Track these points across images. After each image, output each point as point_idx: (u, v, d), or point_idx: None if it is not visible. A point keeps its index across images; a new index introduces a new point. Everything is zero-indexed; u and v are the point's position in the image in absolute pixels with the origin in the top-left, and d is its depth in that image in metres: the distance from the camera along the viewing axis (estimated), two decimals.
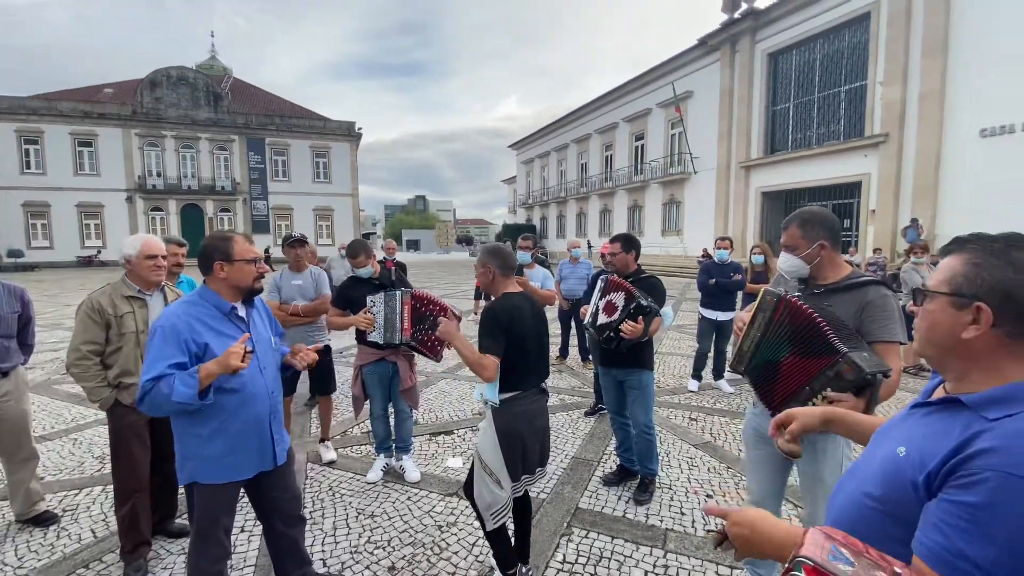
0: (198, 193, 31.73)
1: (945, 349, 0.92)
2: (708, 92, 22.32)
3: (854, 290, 1.91)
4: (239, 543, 2.76)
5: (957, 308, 0.89)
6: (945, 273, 0.94)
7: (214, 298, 1.98)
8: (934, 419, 0.94)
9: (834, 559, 0.59)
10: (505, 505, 2.23)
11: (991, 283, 0.86)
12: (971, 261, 0.90)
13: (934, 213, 14.17)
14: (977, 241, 0.92)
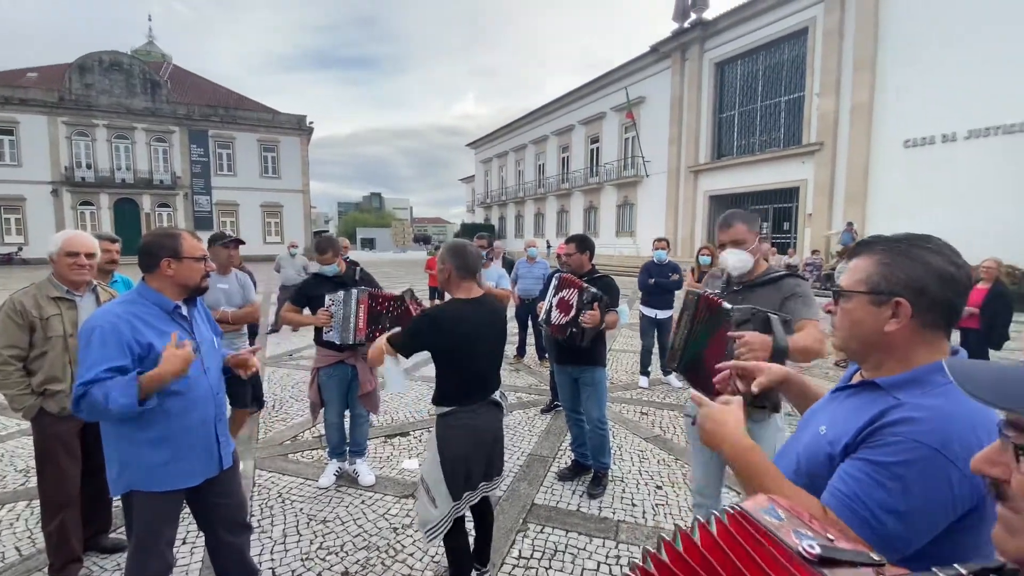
0: (134, 187, 29.70)
1: (868, 343, 1.00)
2: (659, 98, 23.06)
3: (773, 283, 2.12)
4: (180, 555, 2.63)
5: (877, 305, 0.97)
6: (859, 274, 1.01)
7: (155, 296, 1.88)
8: (852, 400, 1.04)
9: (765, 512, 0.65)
10: (439, 525, 2.11)
11: (905, 280, 0.95)
12: (882, 261, 0.98)
13: (864, 217, 15.21)
14: (883, 243, 1.01)
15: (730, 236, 2.14)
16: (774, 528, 0.61)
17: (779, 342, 1.78)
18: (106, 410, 1.66)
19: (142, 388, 1.67)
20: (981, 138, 12.83)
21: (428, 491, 2.13)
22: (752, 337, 1.77)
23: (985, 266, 4.89)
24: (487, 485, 2.26)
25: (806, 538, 0.60)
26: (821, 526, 0.66)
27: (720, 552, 0.61)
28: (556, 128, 30.84)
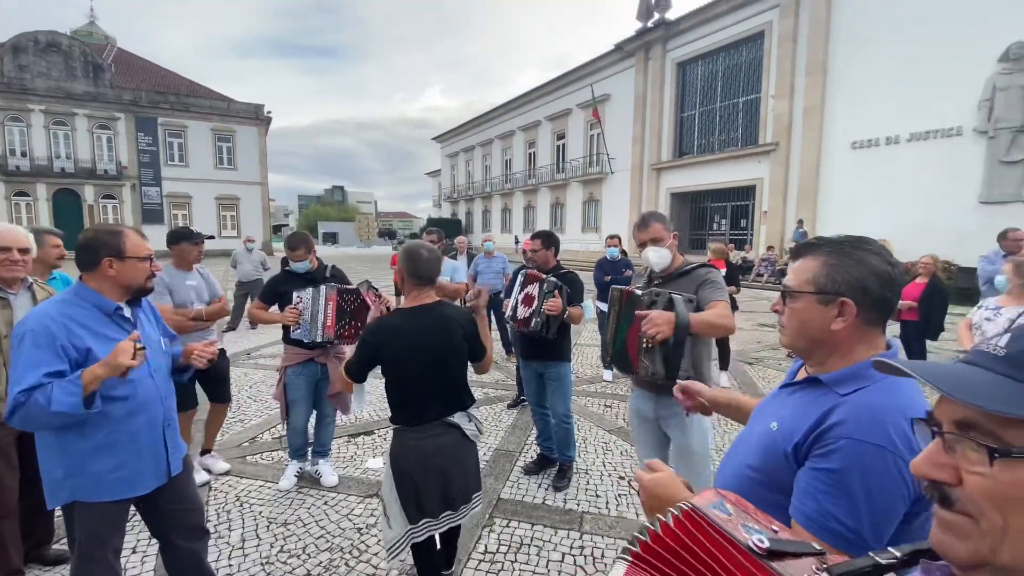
0: (75, 177, 27.83)
1: (815, 341, 1.05)
2: (624, 96, 23.42)
3: (689, 274, 2.32)
4: (131, 565, 2.52)
5: (823, 304, 1.02)
6: (805, 274, 1.05)
7: (94, 297, 1.77)
8: (798, 397, 1.09)
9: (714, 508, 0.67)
10: (397, 544, 2.00)
11: (849, 280, 1.00)
12: (827, 262, 1.03)
13: (815, 215, 15.93)
14: (827, 244, 1.06)
15: (649, 235, 2.33)
16: (723, 523, 0.64)
17: (680, 317, 2.01)
18: (48, 415, 1.56)
19: (85, 386, 1.57)
20: (921, 141, 13.64)
21: (385, 509, 2.08)
22: (656, 314, 2.01)
23: (923, 262, 5.21)
24: (451, 515, 2.08)
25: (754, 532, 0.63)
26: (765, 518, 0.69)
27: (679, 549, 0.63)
28: (523, 123, 30.87)
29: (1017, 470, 0.45)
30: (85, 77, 28.11)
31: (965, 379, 0.50)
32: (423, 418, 2.02)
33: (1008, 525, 0.45)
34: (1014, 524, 0.45)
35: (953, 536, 0.49)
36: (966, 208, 12.45)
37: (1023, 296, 3.23)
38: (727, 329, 2.23)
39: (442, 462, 2.03)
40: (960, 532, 0.49)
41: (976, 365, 0.52)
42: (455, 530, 2.34)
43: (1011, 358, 0.50)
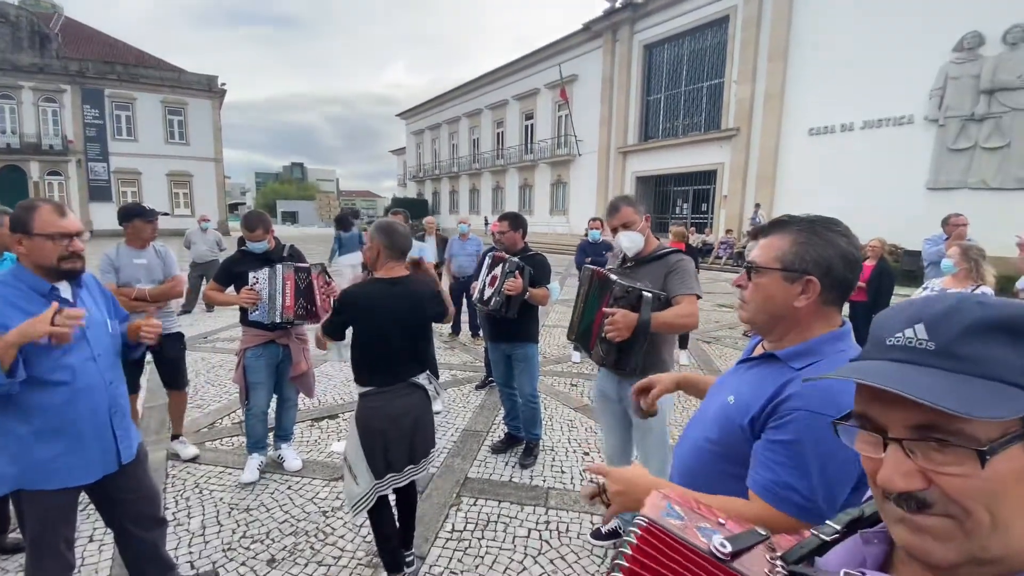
0: (19, 152, 25.77)
1: (776, 316, 1.08)
2: (591, 77, 23.34)
3: (660, 259, 2.31)
4: (88, 554, 2.44)
5: (789, 282, 1.04)
6: (773, 251, 1.07)
7: (29, 278, 1.69)
8: (755, 372, 1.13)
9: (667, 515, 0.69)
10: (363, 499, 2.12)
11: (815, 259, 1.03)
12: (797, 240, 1.05)
13: (772, 199, 16.45)
14: (797, 223, 1.08)
15: (619, 220, 2.33)
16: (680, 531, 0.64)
17: (642, 318, 2.04)
18: None
19: (1, 356, 1.51)
20: (874, 128, 14.19)
21: (351, 468, 2.15)
22: (619, 316, 2.02)
23: (871, 245, 5.47)
24: (413, 468, 2.22)
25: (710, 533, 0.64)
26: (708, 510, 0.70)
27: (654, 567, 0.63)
28: (491, 102, 30.40)
29: (997, 464, 0.44)
30: (31, 48, 25.91)
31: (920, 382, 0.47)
32: (394, 379, 2.16)
33: (996, 519, 0.45)
34: (1001, 516, 0.45)
35: (932, 539, 0.47)
36: (914, 194, 13.07)
37: (968, 279, 3.42)
38: (688, 327, 2.27)
39: (409, 420, 2.17)
40: (940, 535, 0.46)
41: (912, 364, 0.50)
42: (412, 508, 2.41)
43: (944, 350, 0.48)
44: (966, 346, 0.48)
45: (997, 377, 0.46)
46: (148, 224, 3.28)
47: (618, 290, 2.10)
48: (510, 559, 2.49)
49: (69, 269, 1.73)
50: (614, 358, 2.16)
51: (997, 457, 0.44)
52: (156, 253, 3.32)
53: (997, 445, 0.44)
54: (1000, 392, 0.45)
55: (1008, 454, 0.44)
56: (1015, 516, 0.45)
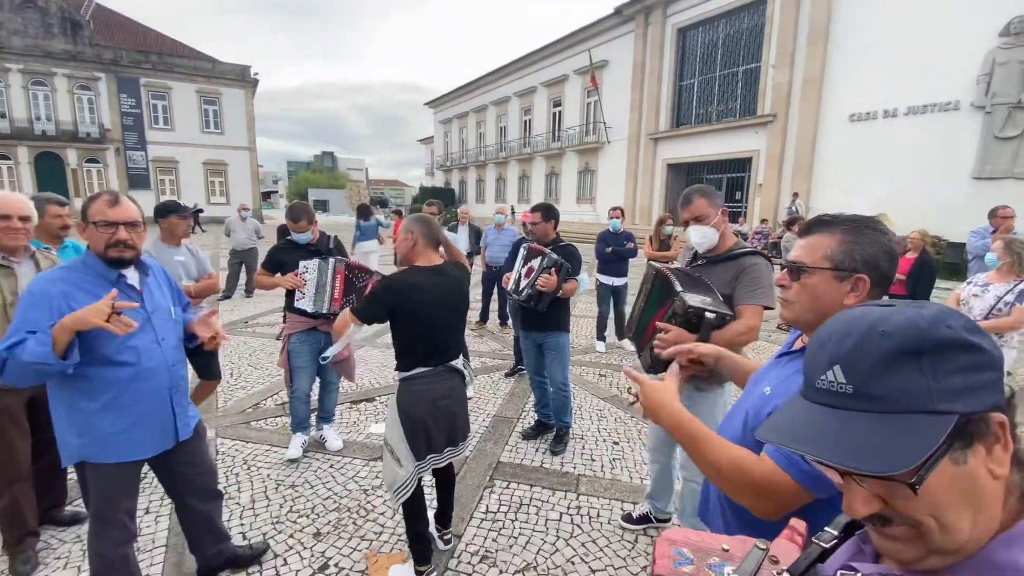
0: (56, 140, 26.91)
1: (825, 316, 1.08)
2: (622, 63, 22.89)
3: (734, 260, 2.12)
4: (145, 525, 2.62)
5: (839, 280, 1.06)
6: (821, 250, 1.08)
7: (97, 264, 1.79)
8: (795, 364, 1.14)
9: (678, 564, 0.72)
10: (406, 484, 2.17)
11: (864, 257, 1.05)
12: (845, 240, 1.06)
13: (809, 189, 15.95)
14: (842, 222, 1.09)
15: (691, 212, 2.15)
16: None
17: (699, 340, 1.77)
18: (23, 364, 1.58)
19: (55, 336, 1.59)
20: (918, 115, 13.56)
21: (392, 452, 2.20)
22: (673, 337, 1.79)
23: (911, 237, 5.29)
24: (452, 450, 2.31)
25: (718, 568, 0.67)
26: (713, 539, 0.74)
27: None
28: (518, 89, 30.17)
29: (930, 482, 0.49)
30: (63, 35, 26.86)
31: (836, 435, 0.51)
32: (434, 363, 2.23)
33: (942, 524, 0.50)
34: (945, 520, 0.50)
35: (900, 544, 0.53)
36: (959, 183, 12.51)
37: (1011, 274, 3.31)
38: (744, 344, 2.05)
39: (449, 403, 2.26)
40: (906, 541, 0.53)
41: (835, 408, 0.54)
42: (451, 486, 2.49)
43: (860, 392, 0.52)
44: (877, 384, 0.51)
45: (911, 408, 0.50)
46: (183, 221, 3.34)
47: (679, 307, 1.86)
48: (543, 540, 2.57)
49: (116, 257, 1.78)
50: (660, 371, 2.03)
51: (931, 475, 0.49)
52: (190, 250, 3.41)
53: (924, 471, 0.49)
54: (914, 428, 0.49)
55: (938, 470, 0.49)
56: (958, 517, 0.50)
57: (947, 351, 0.50)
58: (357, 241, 8.98)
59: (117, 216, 1.77)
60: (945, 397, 0.49)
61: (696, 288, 1.98)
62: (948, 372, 0.50)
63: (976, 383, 0.50)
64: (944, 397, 0.49)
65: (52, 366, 1.60)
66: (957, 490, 0.50)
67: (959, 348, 0.50)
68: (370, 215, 9.11)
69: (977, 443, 0.50)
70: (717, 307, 1.89)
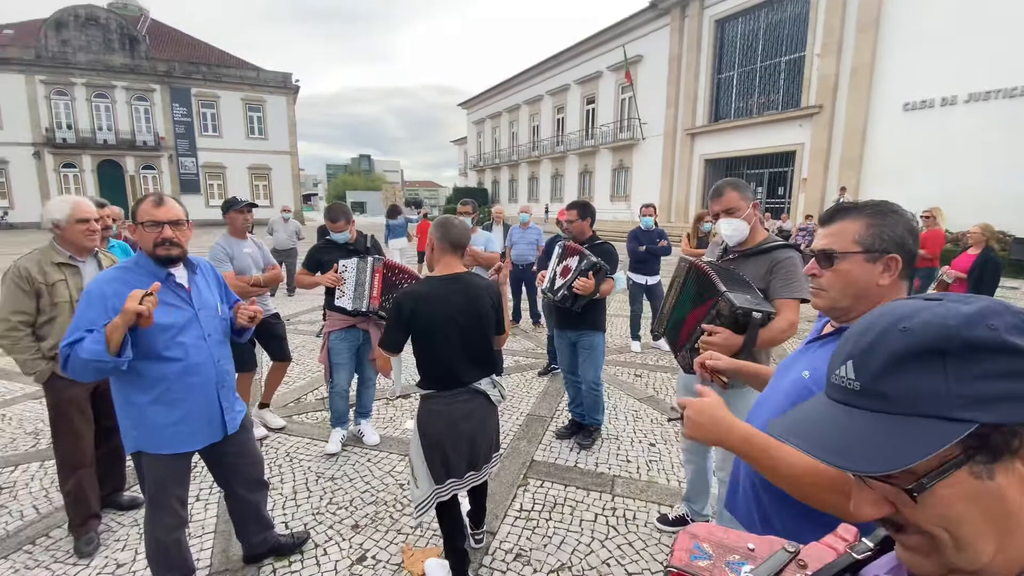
0: (116, 148, 28.68)
1: (859, 298, 1.10)
2: (658, 57, 22.45)
3: (766, 253, 2.08)
4: (195, 511, 2.75)
5: (871, 262, 1.08)
6: (849, 235, 1.10)
7: (148, 263, 1.89)
8: (830, 346, 1.13)
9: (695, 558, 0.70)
10: (424, 503, 2.08)
11: (892, 237, 1.08)
12: (871, 223, 1.09)
13: (858, 182, 15.21)
14: (864, 207, 1.12)
15: (722, 205, 2.13)
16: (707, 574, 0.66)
17: (747, 341, 1.81)
18: (82, 362, 1.68)
19: (109, 335, 1.68)
20: (981, 102, 12.71)
21: (413, 470, 2.15)
22: (721, 340, 1.78)
23: (972, 232, 4.96)
24: (475, 475, 2.17)
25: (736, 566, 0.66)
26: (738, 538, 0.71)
27: None
28: (551, 88, 30.06)
29: (940, 491, 0.45)
30: (122, 49, 28.58)
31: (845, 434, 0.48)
32: (451, 383, 2.08)
33: (956, 540, 0.46)
34: (961, 536, 0.45)
35: (917, 555, 0.49)
36: None
37: None
38: (785, 339, 2.02)
39: (469, 427, 2.09)
40: (921, 550, 0.48)
41: (844, 404, 0.51)
42: (483, 491, 2.43)
43: (868, 389, 0.48)
44: (886, 382, 0.47)
45: (919, 411, 0.45)
46: (239, 215, 3.55)
47: (725, 307, 1.82)
48: (577, 541, 2.55)
49: (163, 255, 1.86)
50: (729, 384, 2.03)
51: (940, 484, 0.45)
52: (255, 242, 3.64)
53: (928, 480, 0.45)
54: (915, 431, 0.45)
55: (949, 481, 0.45)
56: (977, 535, 0.45)
57: (979, 353, 0.45)
58: (387, 239, 9.66)
59: (162, 216, 1.87)
60: (967, 404, 0.44)
61: (735, 285, 1.93)
62: (976, 377, 0.44)
63: (1015, 392, 0.43)
64: (965, 404, 0.44)
65: (107, 363, 1.70)
66: (978, 507, 0.45)
67: (995, 351, 0.44)
68: (398, 214, 9.88)
69: (1010, 459, 0.44)
70: (761, 305, 1.85)
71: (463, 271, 2.15)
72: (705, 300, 1.94)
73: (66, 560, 2.39)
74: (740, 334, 1.81)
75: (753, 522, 1.23)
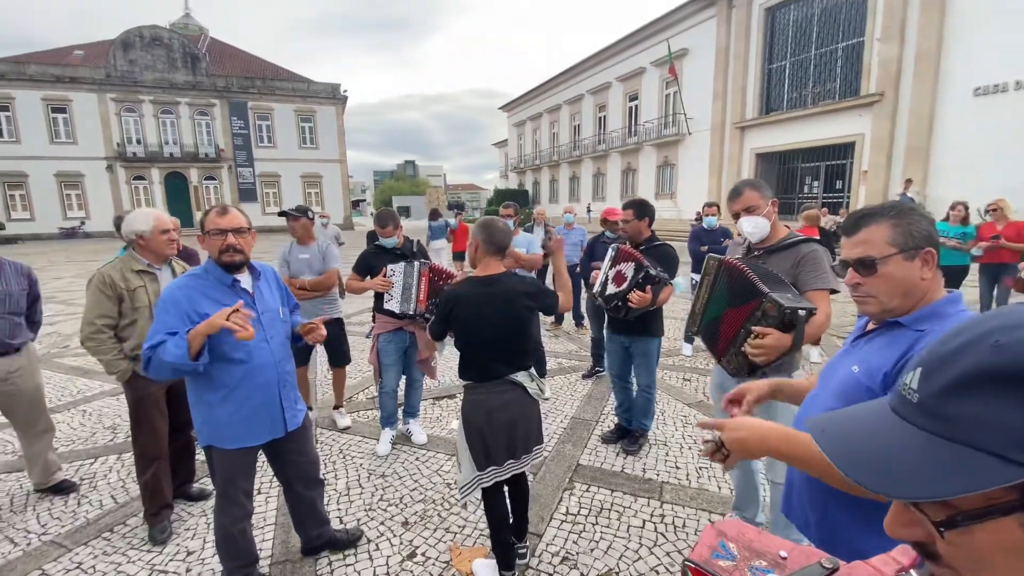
0: (181, 161, 30.72)
1: (907, 296, 1.13)
2: (704, 50, 21.81)
3: (790, 248, 2.16)
4: (257, 504, 2.88)
5: (910, 260, 1.11)
6: (881, 240, 1.13)
7: (216, 271, 2.02)
8: (877, 341, 1.16)
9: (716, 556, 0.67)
10: (467, 487, 2.19)
11: (922, 233, 1.11)
12: (895, 223, 1.12)
13: (925, 173, 14.22)
14: (881, 210, 1.15)
15: (741, 204, 2.21)
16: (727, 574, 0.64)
17: (795, 339, 1.85)
18: (163, 364, 1.82)
19: (190, 341, 1.82)
20: None
21: (457, 456, 2.25)
22: (772, 341, 1.84)
23: None
24: (514, 464, 2.22)
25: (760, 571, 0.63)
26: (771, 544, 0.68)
27: None
28: (592, 86, 29.77)
29: (978, 535, 0.39)
30: (185, 67, 30.57)
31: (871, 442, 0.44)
32: (486, 376, 2.19)
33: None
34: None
35: None
36: None
37: None
38: (822, 332, 2.09)
39: (507, 416, 2.17)
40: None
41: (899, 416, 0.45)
42: (525, 502, 2.42)
43: (925, 405, 0.42)
44: (947, 403, 0.41)
45: (972, 443, 0.39)
46: (294, 222, 3.78)
47: (772, 309, 1.85)
48: (625, 547, 2.51)
49: (228, 262, 1.98)
50: (747, 371, 2.00)
51: (979, 527, 0.39)
52: (319, 248, 3.83)
53: (963, 520, 0.39)
54: (956, 462, 0.39)
55: (992, 527, 0.39)
56: None
57: None
58: (429, 240, 10.36)
59: (226, 224, 1.99)
60: None
61: (773, 283, 1.98)
62: None
63: None
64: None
65: (187, 366, 1.84)
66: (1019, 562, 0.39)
67: None
68: (439, 217, 10.83)
69: None
70: (802, 302, 1.90)
71: (502, 272, 2.23)
72: (746, 301, 1.97)
73: (141, 547, 2.57)
74: (788, 332, 1.85)
75: (808, 525, 1.22)
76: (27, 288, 2.86)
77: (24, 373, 2.86)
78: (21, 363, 2.84)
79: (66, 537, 2.64)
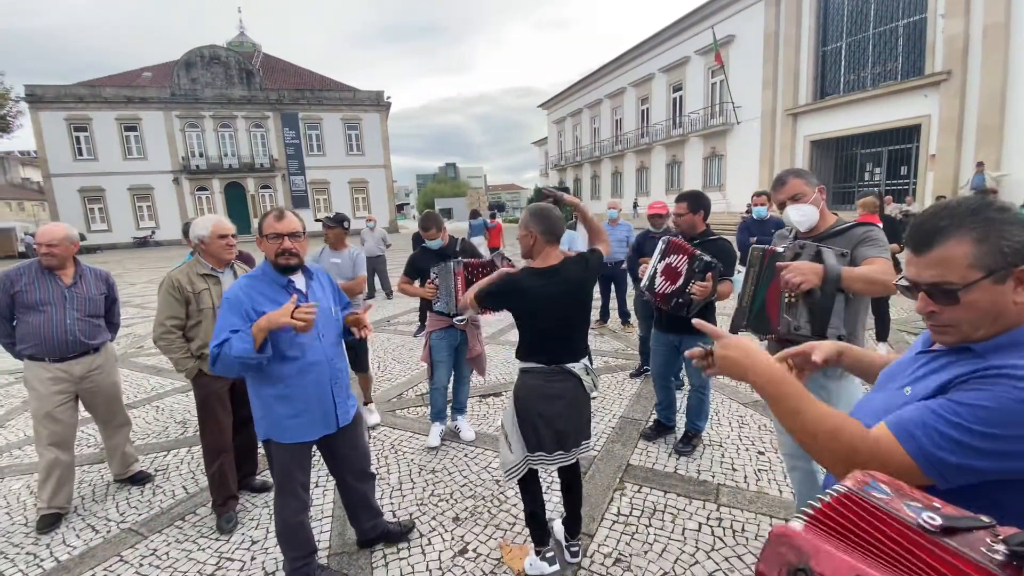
0: (239, 171, 32.54)
1: (997, 322, 0.90)
2: (751, 35, 20.95)
3: (846, 232, 2.11)
4: (314, 496, 2.99)
5: (1000, 283, 0.87)
6: (960, 262, 0.88)
7: (271, 272, 2.11)
8: (938, 362, 0.97)
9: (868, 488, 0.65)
10: (515, 468, 2.20)
11: (1013, 247, 0.86)
12: (979, 238, 0.87)
13: (998, 156, 13.08)
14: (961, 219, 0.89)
15: (786, 193, 2.16)
16: (885, 504, 0.62)
17: (830, 270, 1.84)
18: (231, 359, 1.90)
19: (255, 335, 1.90)
20: None
21: (506, 436, 2.23)
22: (800, 264, 1.87)
23: None
24: (563, 455, 2.20)
25: (920, 510, 0.61)
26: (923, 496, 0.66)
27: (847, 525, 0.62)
28: (634, 79, 29.19)
29: None
30: (241, 83, 32.34)
31: None
32: (548, 362, 2.18)
33: None
34: None
35: None
36: None
37: None
38: (886, 287, 1.90)
39: (560, 405, 2.17)
40: None
41: None
42: (578, 495, 2.39)
43: None
44: None
45: None
46: (328, 230, 3.96)
47: (789, 252, 2.01)
48: (680, 550, 2.43)
49: (284, 264, 2.07)
50: (808, 321, 1.92)
51: None
52: (350, 255, 3.96)
53: None
54: None
55: None
56: None
57: None
58: (470, 237, 10.93)
59: (282, 228, 2.08)
60: None
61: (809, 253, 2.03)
62: None
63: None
64: None
65: (253, 359, 1.93)
66: None
67: None
68: (478, 216, 12.38)
69: None
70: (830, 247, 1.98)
71: (559, 261, 2.17)
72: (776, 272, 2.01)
73: (209, 535, 2.72)
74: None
75: None
76: (106, 292, 3.09)
77: (103, 371, 3.08)
78: (100, 362, 3.06)
79: (142, 525, 2.83)
